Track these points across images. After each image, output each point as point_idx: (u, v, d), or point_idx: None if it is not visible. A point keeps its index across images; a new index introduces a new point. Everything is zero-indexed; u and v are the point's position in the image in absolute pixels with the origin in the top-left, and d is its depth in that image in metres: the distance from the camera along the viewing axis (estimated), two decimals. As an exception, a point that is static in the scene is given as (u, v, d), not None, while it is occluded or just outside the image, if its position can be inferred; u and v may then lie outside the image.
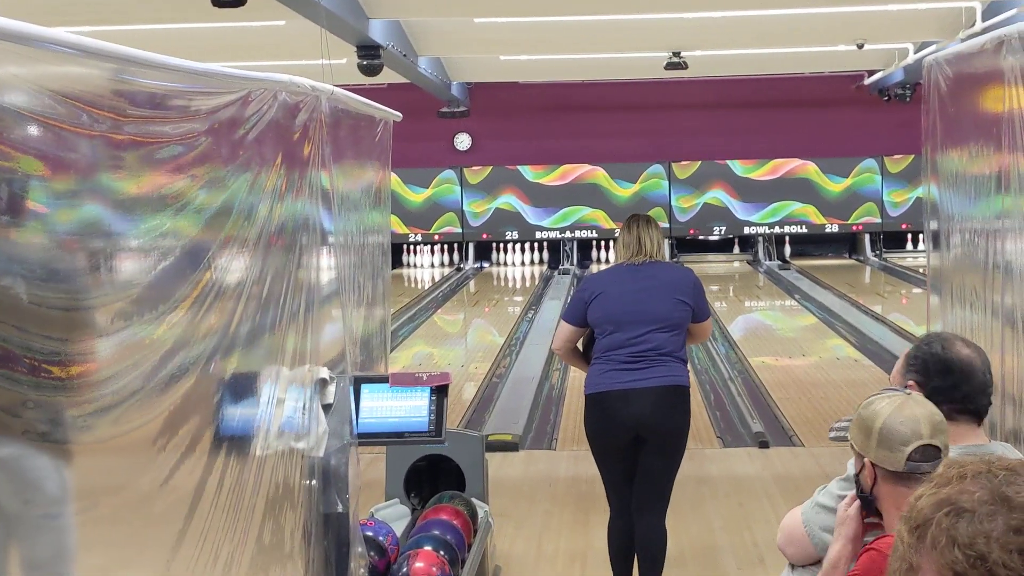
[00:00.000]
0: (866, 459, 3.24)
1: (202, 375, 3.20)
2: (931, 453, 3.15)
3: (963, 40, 13.67)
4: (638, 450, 6.06)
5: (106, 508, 2.90)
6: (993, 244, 4.75)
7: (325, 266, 4.56)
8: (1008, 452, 3.64)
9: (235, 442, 3.53)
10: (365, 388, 4.85)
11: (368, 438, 4.80)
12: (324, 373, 4.52)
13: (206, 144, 3.17)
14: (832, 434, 3.59)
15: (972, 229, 5.05)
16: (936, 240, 5.59)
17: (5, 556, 2.85)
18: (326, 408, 4.50)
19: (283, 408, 3.98)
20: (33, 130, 2.40)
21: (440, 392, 4.88)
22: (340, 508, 4.45)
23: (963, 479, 1.80)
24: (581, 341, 6.25)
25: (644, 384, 5.96)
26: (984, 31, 12.94)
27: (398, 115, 5.79)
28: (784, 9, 13.47)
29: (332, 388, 4.54)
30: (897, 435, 3.16)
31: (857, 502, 3.33)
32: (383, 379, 4.91)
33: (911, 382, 3.65)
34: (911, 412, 3.18)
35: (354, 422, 4.69)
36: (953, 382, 3.60)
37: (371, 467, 7.42)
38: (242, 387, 3.61)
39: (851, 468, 3.66)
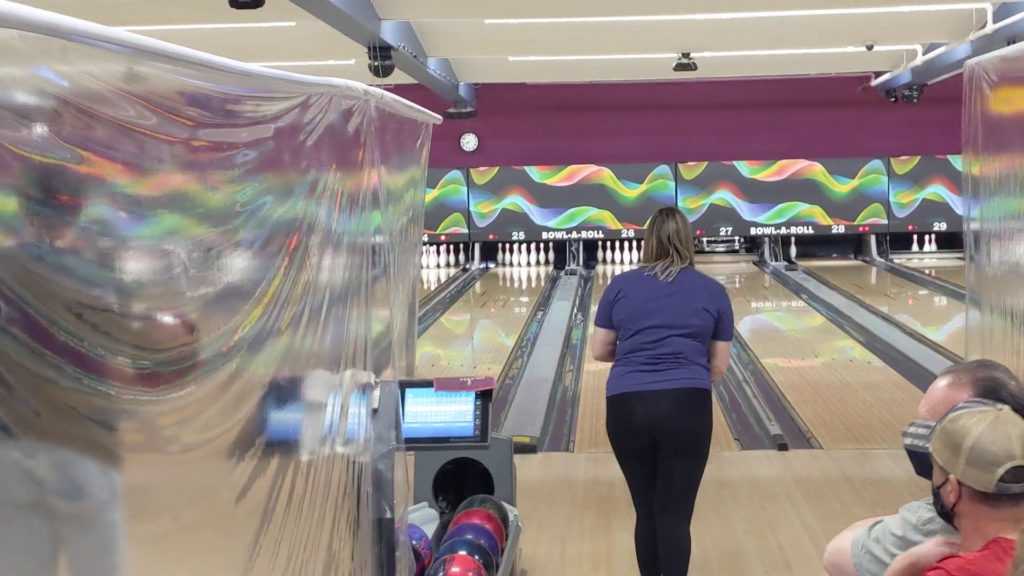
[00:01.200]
0: (951, 476, 3.12)
1: (267, 382, 3.18)
2: (1022, 473, 3.04)
3: (973, 41, 13.69)
4: (659, 454, 6.04)
5: (165, 520, 2.88)
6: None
7: (374, 270, 4.54)
8: None
9: (292, 448, 3.52)
10: (409, 393, 4.84)
11: (413, 443, 4.79)
12: (370, 377, 4.51)
13: (272, 149, 3.15)
14: (907, 441, 3.40)
15: (1017, 233, 4.97)
16: (976, 247, 5.47)
17: (55, 558, 2.83)
18: (372, 413, 4.50)
19: (339, 414, 3.97)
20: (105, 133, 2.37)
21: (485, 397, 4.88)
22: (388, 513, 4.44)
23: None
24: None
25: (662, 386, 5.93)
26: (995, 33, 12.95)
27: (438, 118, 5.79)
28: (794, 11, 13.48)
29: (377, 393, 4.53)
30: (989, 455, 3.04)
31: None
32: (428, 384, 4.90)
33: None
34: (1004, 431, 3.06)
35: (400, 427, 4.67)
36: None
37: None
38: (302, 393, 3.60)
39: (908, 515, 3.55)
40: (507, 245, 23.77)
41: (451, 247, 23.68)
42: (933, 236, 23.72)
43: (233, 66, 2.90)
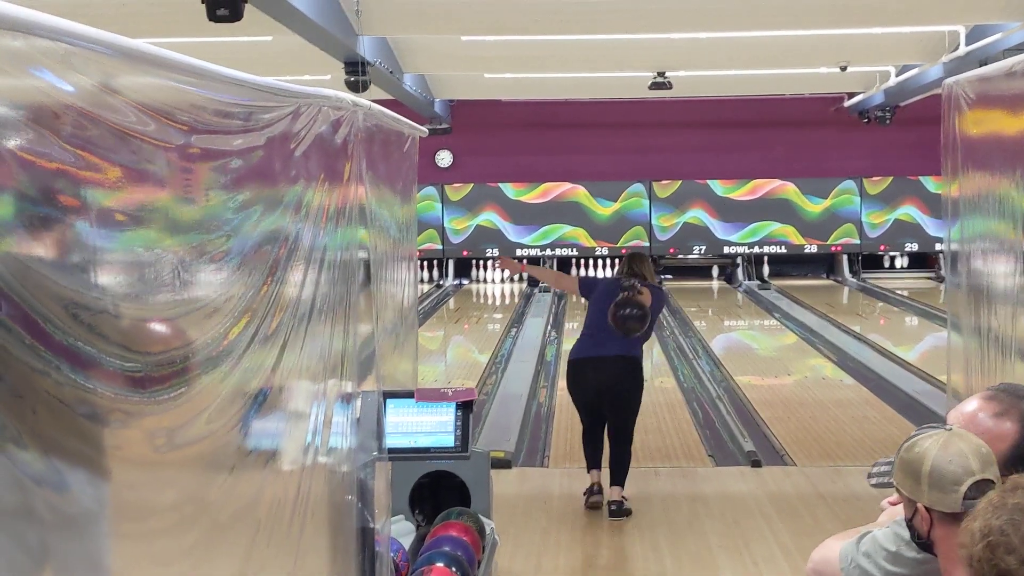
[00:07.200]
0: (919, 504, 3.08)
1: (253, 390, 3.19)
2: (985, 487, 2.95)
3: (946, 63, 13.79)
4: (604, 402, 8.41)
5: (149, 525, 2.88)
6: (1017, 271, 4.66)
7: (359, 280, 4.56)
8: None
9: (275, 456, 3.53)
10: (391, 403, 4.86)
11: (394, 453, 4.80)
12: (352, 387, 4.52)
13: (262, 158, 3.17)
14: (872, 481, 3.37)
15: (994, 253, 4.98)
16: (955, 268, 5.43)
17: (41, 569, 2.83)
18: (355, 423, 4.51)
19: (323, 423, 3.98)
20: (100, 137, 2.38)
21: (465, 408, 4.90)
22: (371, 523, 4.45)
23: None
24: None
25: (607, 352, 8.35)
26: (967, 55, 13.05)
27: (424, 131, 5.82)
28: (769, 31, 13.55)
29: (359, 403, 4.54)
30: (950, 475, 3.00)
31: None
32: (408, 394, 4.92)
33: None
34: (957, 449, 3.02)
35: (383, 437, 4.69)
36: None
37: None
38: (286, 402, 3.61)
39: (900, 531, 3.53)
40: (481, 262, 23.81)
41: (425, 263, 23.70)
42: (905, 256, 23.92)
43: (226, 74, 2.92)
